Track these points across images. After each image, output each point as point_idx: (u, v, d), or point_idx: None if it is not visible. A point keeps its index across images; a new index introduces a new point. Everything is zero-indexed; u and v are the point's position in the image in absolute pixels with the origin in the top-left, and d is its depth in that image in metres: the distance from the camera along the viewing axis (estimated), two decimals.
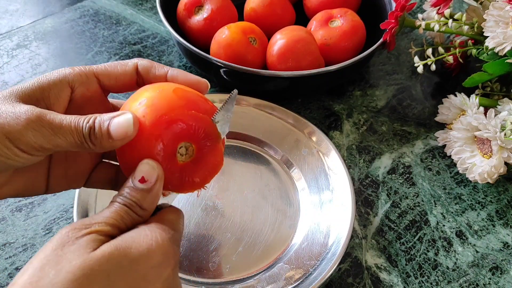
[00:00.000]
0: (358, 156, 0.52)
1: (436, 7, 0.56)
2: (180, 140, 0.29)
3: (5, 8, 0.68)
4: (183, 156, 0.30)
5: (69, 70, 0.31)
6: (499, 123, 0.45)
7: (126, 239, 0.25)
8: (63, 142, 0.27)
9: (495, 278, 0.43)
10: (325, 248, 0.42)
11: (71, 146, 0.27)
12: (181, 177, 0.30)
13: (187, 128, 0.29)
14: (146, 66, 0.32)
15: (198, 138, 0.30)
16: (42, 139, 0.26)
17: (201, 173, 0.31)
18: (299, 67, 0.52)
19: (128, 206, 0.27)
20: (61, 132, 0.27)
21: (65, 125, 0.27)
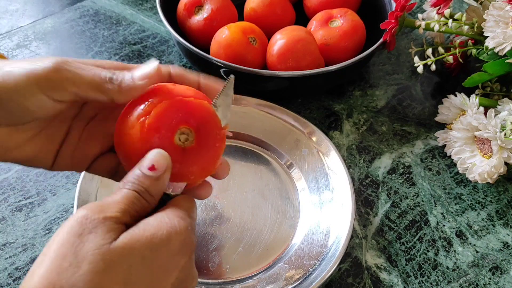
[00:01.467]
0: (358, 156, 0.52)
1: (436, 7, 0.56)
2: (182, 123, 0.29)
3: (5, 8, 0.68)
4: (181, 142, 0.29)
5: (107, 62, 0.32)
6: (499, 123, 0.45)
7: (145, 228, 0.25)
8: (84, 84, 0.28)
9: (495, 278, 0.43)
10: (325, 248, 0.42)
11: (91, 88, 0.28)
12: (182, 165, 0.30)
13: (193, 115, 0.29)
14: (179, 72, 0.33)
15: (200, 128, 0.30)
16: (64, 79, 0.27)
17: (203, 160, 0.30)
18: (299, 67, 0.52)
19: (138, 192, 0.27)
20: (83, 74, 0.28)
21: (89, 69, 0.28)
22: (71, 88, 0.28)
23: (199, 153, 0.30)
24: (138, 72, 0.29)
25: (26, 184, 0.47)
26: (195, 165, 0.30)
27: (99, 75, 0.28)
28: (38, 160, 0.32)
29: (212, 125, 0.30)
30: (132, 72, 0.29)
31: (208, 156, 0.30)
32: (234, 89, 0.33)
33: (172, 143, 0.29)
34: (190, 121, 0.29)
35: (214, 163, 0.31)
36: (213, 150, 0.30)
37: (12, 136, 0.30)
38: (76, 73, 0.28)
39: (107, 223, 0.25)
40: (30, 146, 0.31)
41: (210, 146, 0.30)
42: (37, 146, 0.31)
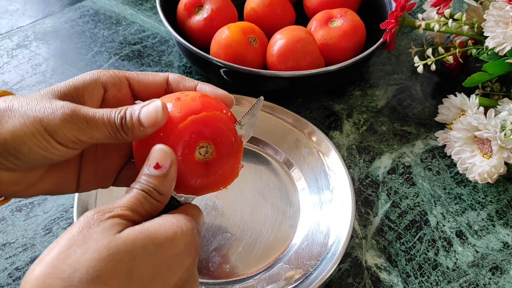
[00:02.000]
0: (358, 156, 0.52)
1: (436, 7, 0.56)
2: (200, 139, 0.30)
3: (5, 8, 0.68)
4: (202, 156, 0.30)
5: (103, 72, 0.32)
6: (499, 123, 0.45)
7: (152, 224, 0.26)
8: (97, 134, 0.28)
9: (495, 278, 0.43)
10: (325, 248, 0.42)
11: (105, 137, 0.29)
12: (200, 177, 0.31)
13: (208, 128, 0.30)
14: (176, 78, 0.34)
15: (218, 139, 0.30)
16: (77, 131, 0.28)
17: (226, 168, 0.31)
18: (299, 67, 0.52)
19: (147, 192, 0.28)
20: (95, 124, 0.28)
21: (98, 117, 0.28)
22: (85, 139, 0.28)
23: (221, 163, 0.31)
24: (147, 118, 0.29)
25: None
26: (219, 174, 0.31)
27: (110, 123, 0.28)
28: (61, 189, 0.33)
29: (228, 134, 0.31)
30: (140, 114, 0.29)
31: (230, 163, 0.32)
32: (234, 90, 0.33)
33: (194, 160, 0.30)
34: (206, 135, 0.30)
35: (236, 168, 0.32)
36: (233, 157, 0.32)
37: (28, 176, 0.30)
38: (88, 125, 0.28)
39: (114, 219, 0.26)
40: (49, 179, 0.32)
41: (230, 154, 0.31)
42: (55, 177, 0.32)
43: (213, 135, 0.30)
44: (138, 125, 0.29)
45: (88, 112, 0.28)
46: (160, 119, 0.29)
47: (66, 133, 0.27)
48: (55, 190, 0.33)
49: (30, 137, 0.27)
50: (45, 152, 0.28)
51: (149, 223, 0.26)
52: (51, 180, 0.32)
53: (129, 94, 0.33)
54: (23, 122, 0.27)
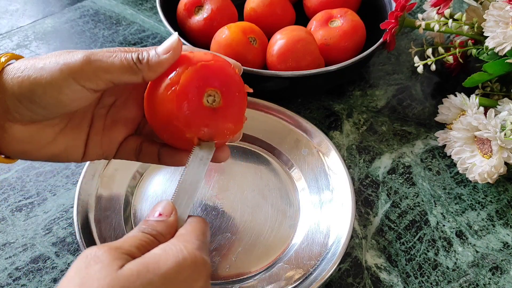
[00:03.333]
0: (358, 156, 0.52)
1: (436, 7, 0.56)
2: (208, 86, 0.31)
3: (5, 8, 0.68)
4: (210, 104, 0.32)
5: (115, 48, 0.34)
6: (499, 123, 0.45)
7: (151, 256, 0.25)
8: (114, 69, 0.29)
9: (495, 278, 0.43)
10: (325, 248, 0.42)
11: (122, 71, 0.30)
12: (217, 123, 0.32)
13: (217, 77, 0.32)
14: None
15: (225, 89, 0.32)
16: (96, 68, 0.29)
17: (232, 117, 0.33)
18: (299, 67, 0.52)
19: (150, 234, 0.28)
20: (112, 61, 0.30)
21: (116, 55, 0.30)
22: (105, 76, 0.29)
23: (227, 111, 0.32)
24: (162, 47, 0.31)
25: (26, 184, 0.47)
26: (226, 122, 0.32)
27: (127, 58, 0.30)
28: (69, 153, 0.34)
29: (234, 84, 0.33)
30: (156, 49, 0.31)
31: (236, 112, 0.33)
32: None
33: (202, 106, 0.31)
34: (214, 83, 0.32)
35: (241, 118, 0.34)
36: (239, 106, 0.33)
37: (41, 133, 0.31)
38: (107, 61, 0.29)
39: (112, 252, 0.25)
40: (60, 140, 0.33)
41: (236, 103, 0.33)
42: (66, 139, 0.33)
43: (220, 83, 0.32)
44: (154, 53, 0.30)
45: (105, 52, 0.30)
46: (175, 46, 0.30)
47: (84, 70, 0.29)
48: (63, 155, 0.33)
49: (47, 77, 0.29)
50: (60, 93, 0.29)
51: (148, 255, 0.25)
52: (61, 142, 0.33)
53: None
54: (41, 66, 0.29)
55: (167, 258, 0.25)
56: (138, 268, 0.24)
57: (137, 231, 0.28)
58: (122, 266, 0.24)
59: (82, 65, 0.29)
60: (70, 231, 0.44)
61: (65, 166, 0.49)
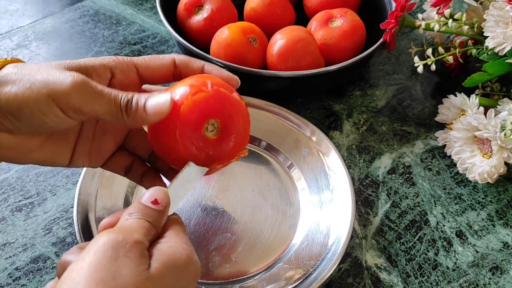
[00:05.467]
0: (358, 156, 0.52)
1: (436, 7, 0.56)
2: (206, 118, 0.31)
3: (5, 8, 0.68)
4: (211, 132, 0.32)
5: (112, 58, 0.33)
6: (499, 123, 0.45)
7: (167, 256, 0.26)
8: (100, 108, 0.29)
9: (495, 278, 0.43)
10: (325, 248, 0.42)
11: (106, 113, 0.29)
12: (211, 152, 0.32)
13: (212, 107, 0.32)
14: (184, 60, 0.35)
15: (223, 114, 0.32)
16: (82, 101, 0.28)
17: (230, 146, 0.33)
18: (299, 67, 0.52)
19: (150, 222, 0.28)
20: (100, 98, 0.29)
21: (105, 93, 0.29)
22: (87, 111, 0.29)
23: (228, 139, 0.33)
24: (152, 105, 0.30)
25: (26, 184, 0.47)
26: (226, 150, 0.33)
27: (115, 104, 0.29)
28: (55, 160, 0.34)
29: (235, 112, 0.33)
30: (147, 102, 0.30)
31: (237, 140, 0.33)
32: None
33: (202, 136, 0.32)
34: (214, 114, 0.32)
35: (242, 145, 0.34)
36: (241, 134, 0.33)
37: (28, 141, 0.31)
38: (94, 98, 0.29)
39: (139, 247, 0.25)
40: (46, 148, 0.32)
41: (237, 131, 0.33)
42: (52, 147, 0.33)
43: (222, 114, 0.32)
44: (142, 110, 0.30)
45: (97, 85, 0.29)
46: (165, 110, 0.30)
47: (70, 101, 0.28)
48: (49, 161, 0.33)
49: (33, 99, 0.28)
50: (45, 116, 0.28)
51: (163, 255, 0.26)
52: (47, 150, 0.32)
53: (137, 80, 0.34)
54: (28, 86, 0.28)
55: (179, 260, 0.26)
56: (163, 269, 0.25)
57: (138, 217, 0.28)
58: (150, 265, 0.25)
59: (69, 93, 0.28)
60: (70, 231, 0.44)
61: None
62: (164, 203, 0.29)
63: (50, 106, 0.28)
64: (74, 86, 0.28)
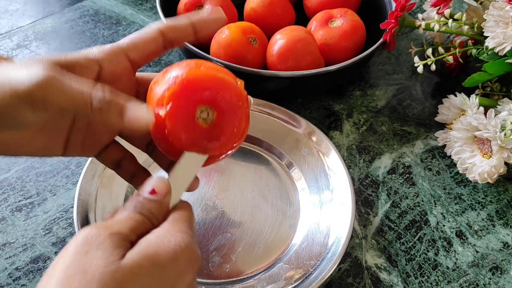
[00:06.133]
0: (358, 156, 0.52)
1: (436, 7, 0.56)
2: (197, 104, 0.29)
3: (5, 8, 0.68)
4: (204, 120, 0.30)
5: (98, 49, 0.31)
6: (499, 123, 0.45)
7: (149, 245, 0.25)
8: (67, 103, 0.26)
9: (495, 278, 0.43)
10: (325, 248, 0.42)
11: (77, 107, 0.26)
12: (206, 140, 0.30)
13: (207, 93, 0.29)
14: (169, 25, 0.32)
15: (218, 102, 0.30)
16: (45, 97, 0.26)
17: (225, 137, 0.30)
18: (299, 67, 0.52)
19: (143, 214, 0.27)
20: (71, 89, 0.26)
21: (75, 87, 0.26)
22: (52, 107, 0.26)
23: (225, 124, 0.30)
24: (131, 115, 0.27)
25: (26, 184, 0.47)
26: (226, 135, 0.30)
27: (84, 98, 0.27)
28: (48, 151, 0.32)
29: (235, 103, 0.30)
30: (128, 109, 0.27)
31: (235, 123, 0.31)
32: None
33: (196, 124, 0.29)
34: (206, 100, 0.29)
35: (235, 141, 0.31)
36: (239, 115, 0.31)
37: (18, 136, 0.30)
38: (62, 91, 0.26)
39: (113, 238, 0.24)
40: (38, 140, 0.31)
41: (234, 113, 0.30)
42: (44, 140, 0.31)
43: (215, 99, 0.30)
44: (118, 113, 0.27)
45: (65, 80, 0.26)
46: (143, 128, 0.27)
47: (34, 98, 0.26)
48: (43, 152, 0.32)
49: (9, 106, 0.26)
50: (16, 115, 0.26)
51: (147, 244, 0.25)
52: (39, 142, 0.31)
53: (129, 67, 0.32)
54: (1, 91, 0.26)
55: (166, 250, 0.25)
56: (140, 258, 0.24)
57: (130, 211, 0.27)
58: (124, 255, 0.24)
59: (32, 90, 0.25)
60: (70, 231, 0.44)
61: (65, 166, 0.49)
62: (163, 192, 0.28)
63: (16, 105, 0.26)
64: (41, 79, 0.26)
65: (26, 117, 0.27)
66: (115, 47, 0.31)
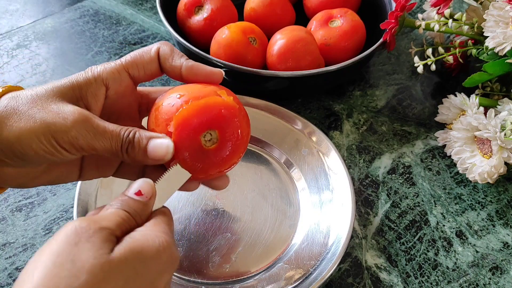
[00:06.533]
0: (358, 156, 0.52)
1: (436, 7, 0.56)
2: (203, 130, 0.31)
3: (5, 8, 0.68)
4: (209, 142, 0.32)
5: (101, 68, 0.32)
6: (499, 123, 0.45)
7: (137, 242, 0.26)
8: (100, 147, 0.29)
9: (495, 278, 0.43)
10: (325, 248, 0.42)
11: (106, 151, 0.30)
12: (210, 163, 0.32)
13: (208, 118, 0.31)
14: (166, 53, 0.34)
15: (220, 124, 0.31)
16: (83, 141, 0.28)
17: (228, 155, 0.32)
18: (299, 67, 0.52)
19: (129, 212, 0.28)
20: (102, 137, 0.29)
21: (107, 132, 0.29)
22: (88, 148, 0.29)
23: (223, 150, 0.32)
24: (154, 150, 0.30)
25: None
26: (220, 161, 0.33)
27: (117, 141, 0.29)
28: (64, 179, 0.33)
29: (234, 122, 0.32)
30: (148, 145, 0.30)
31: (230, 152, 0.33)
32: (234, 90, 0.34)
33: (201, 147, 0.31)
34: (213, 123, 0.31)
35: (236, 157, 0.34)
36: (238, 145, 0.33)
37: (31, 171, 0.31)
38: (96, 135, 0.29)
39: (103, 232, 0.25)
40: (52, 172, 0.32)
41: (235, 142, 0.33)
42: (58, 170, 0.33)
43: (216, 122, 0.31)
44: (143, 154, 0.30)
45: (99, 124, 0.29)
46: (166, 158, 0.30)
47: (72, 141, 0.28)
48: (58, 180, 0.33)
49: (36, 141, 0.28)
50: (48, 155, 0.28)
51: (132, 241, 0.26)
52: (54, 172, 0.32)
53: (130, 84, 0.34)
54: (29, 126, 0.28)
55: (151, 247, 0.26)
56: (127, 253, 0.24)
57: (116, 208, 0.27)
58: (112, 249, 0.24)
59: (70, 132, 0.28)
60: None
61: None
62: (148, 194, 0.29)
63: (52, 144, 0.28)
64: (74, 126, 0.28)
65: (58, 155, 0.29)
66: (118, 65, 0.33)
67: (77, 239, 0.24)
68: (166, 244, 0.26)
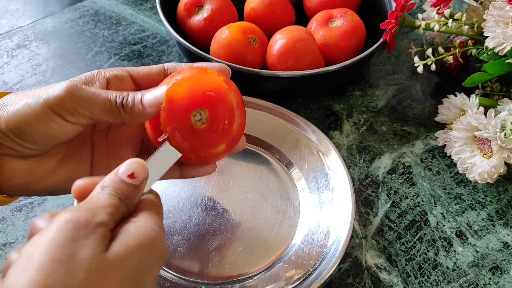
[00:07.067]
0: (358, 156, 0.52)
1: (436, 7, 0.56)
2: (193, 106, 0.31)
3: (5, 8, 0.68)
4: (199, 122, 0.32)
5: (105, 69, 0.34)
6: (499, 123, 0.45)
7: (132, 237, 0.25)
8: (96, 108, 0.30)
9: (495, 278, 0.43)
10: (325, 248, 0.42)
11: (103, 112, 0.30)
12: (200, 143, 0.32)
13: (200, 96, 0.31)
14: (172, 66, 0.36)
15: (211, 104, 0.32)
16: (77, 103, 0.29)
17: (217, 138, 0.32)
18: (299, 67, 0.52)
19: (121, 199, 0.27)
20: (95, 98, 0.30)
21: (99, 93, 0.30)
22: (85, 112, 0.30)
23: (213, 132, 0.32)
24: (148, 98, 0.31)
25: None
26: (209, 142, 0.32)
27: (110, 101, 0.30)
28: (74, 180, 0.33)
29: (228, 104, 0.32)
30: (143, 96, 0.31)
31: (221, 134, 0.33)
32: None
33: (192, 126, 0.32)
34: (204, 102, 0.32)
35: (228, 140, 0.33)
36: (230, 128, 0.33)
37: (40, 165, 0.32)
38: (89, 97, 0.30)
39: (100, 229, 0.25)
40: (62, 170, 0.33)
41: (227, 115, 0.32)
42: (68, 169, 0.33)
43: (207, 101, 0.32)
44: (139, 105, 0.30)
45: (90, 88, 0.31)
46: (159, 102, 0.30)
47: (66, 105, 0.29)
48: (67, 183, 0.32)
49: (31, 114, 0.29)
50: (46, 127, 0.29)
51: (128, 236, 0.25)
52: (63, 172, 0.33)
53: (132, 86, 0.35)
54: (25, 103, 0.29)
55: (146, 242, 0.25)
56: (123, 251, 0.25)
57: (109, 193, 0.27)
58: (108, 246, 0.24)
59: (63, 98, 0.29)
60: None
61: None
62: (141, 177, 0.28)
63: (49, 114, 0.29)
64: (67, 90, 0.29)
65: (57, 127, 0.30)
66: (121, 68, 0.35)
67: (75, 235, 0.24)
68: (159, 238, 0.26)
